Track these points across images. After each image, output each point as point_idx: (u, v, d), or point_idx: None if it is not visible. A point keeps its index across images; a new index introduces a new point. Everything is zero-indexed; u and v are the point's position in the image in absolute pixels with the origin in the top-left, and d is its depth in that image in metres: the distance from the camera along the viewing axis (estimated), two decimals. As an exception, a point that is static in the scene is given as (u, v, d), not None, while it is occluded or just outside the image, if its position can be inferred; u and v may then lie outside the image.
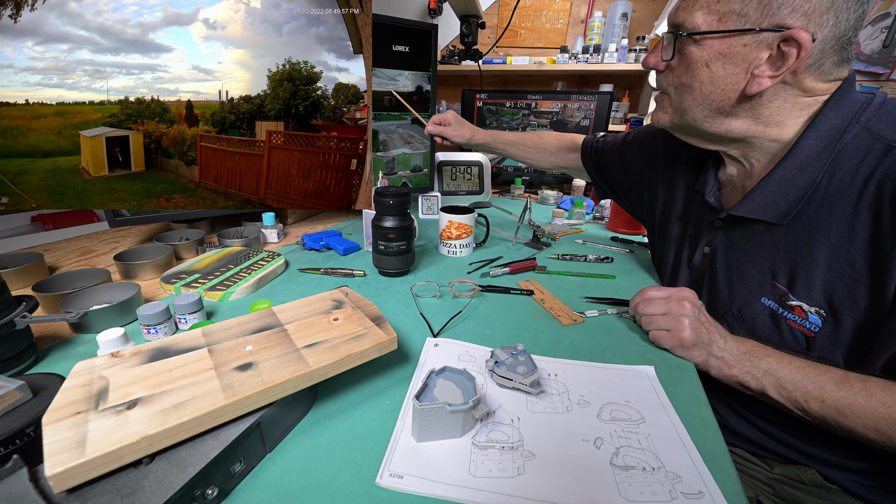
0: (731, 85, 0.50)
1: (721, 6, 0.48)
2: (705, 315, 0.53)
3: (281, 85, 0.90)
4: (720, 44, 0.49)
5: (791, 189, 0.51)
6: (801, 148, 0.50)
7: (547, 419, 0.42)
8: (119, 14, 0.71)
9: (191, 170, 0.86)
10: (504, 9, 1.85)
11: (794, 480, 0.55)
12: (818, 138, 0.49)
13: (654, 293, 0.56)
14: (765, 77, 0.48)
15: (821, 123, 0.49)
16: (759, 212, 0.54)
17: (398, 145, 1.13)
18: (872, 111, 0.48)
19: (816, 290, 0.49)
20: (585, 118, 1.47)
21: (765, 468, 0.58)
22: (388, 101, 1.07)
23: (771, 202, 0.53)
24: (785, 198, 0.52)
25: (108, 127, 0.76)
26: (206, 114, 0.84)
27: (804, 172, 0.50)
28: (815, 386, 0.45)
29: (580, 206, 1.20)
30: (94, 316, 0.55)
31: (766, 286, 0.54)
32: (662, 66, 0.55)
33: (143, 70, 0.76)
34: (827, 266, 0.49)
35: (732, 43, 0.48)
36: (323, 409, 0.43)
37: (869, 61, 1.63)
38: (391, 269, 0.74)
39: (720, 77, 0.50)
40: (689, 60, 0.51)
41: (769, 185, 0.53)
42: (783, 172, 0.52)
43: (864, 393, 0.42)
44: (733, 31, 0.47)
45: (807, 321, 0.50)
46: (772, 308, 0.54)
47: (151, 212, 0.84)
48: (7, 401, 0.34)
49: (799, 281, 0.51)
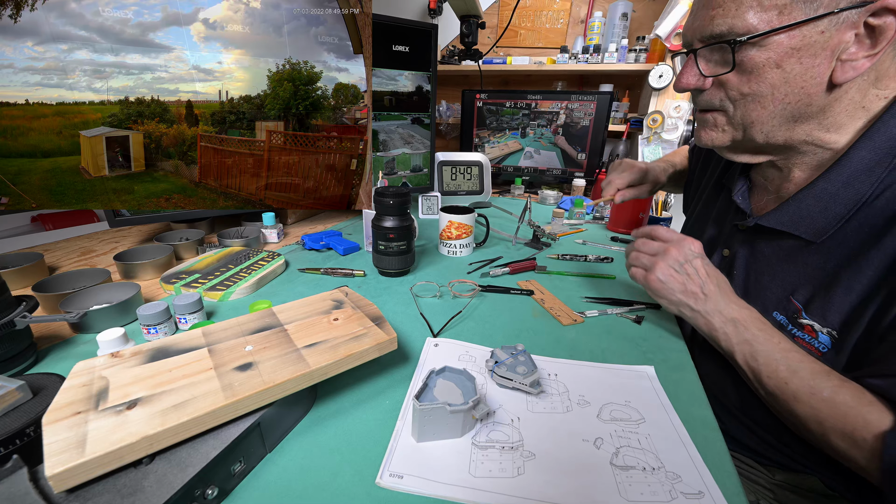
0: (813, 80, 0.42)
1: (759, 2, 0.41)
2: (697, 268, 0.52)
3: (281, 85, 0.90)
4: (789, 39, 0.41)
5: (833, 205, 0.46)
6: (852, 160, 0.45)
7: (547, 419, 0.42)
8: (119, 14, 0.71)
9: (191, 170, 0.86)
10: (504, 9, 1.85)
11: (796, 487, 0.54)
12: (873, 150, 0.44)
13: (663, 232, 0.55)
14: (860, 59, 0.40)
15: (878, 132, 0.43)
16: (792, 226, 0.50)
17: (398, 145, 1.13)
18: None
19: (833, 313, 0.46)
20: (585, 118, 1.47)
21: (766, 474, 0.57)
22: (388, 101, 1.07)
23: (807, 216, 0.48)
24: (824, 214, 0.47)
25: (108, 127, 0.76)
26: (206, 114, 0.84)
27: (850, 188, 0.45)
28: (787, 369, 0.44)
29: (580, 206, 1.20)
30: (94, 316, 0.55)
31: (781, 301, 0.51)
32: (708, 83, 0.48)
33: (143, 70, 0.76)
34: (847, 288, 0.45)
35: (806, 34, 0.40)
36: (323, 409, 0.43)
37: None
38: (391, 269, 0.74)
39: (797, 74, 0.43)
40: (752, 66, 0.44)
41: (808, 197, 0.48)
42: (826, 185, 0.47)
43: (833, 389, 0.41)
44: (805, 22, 0.40)
45: (816, 340, 0.47)
46: (781, 323, 0.51)
47: (151, 212, 0.84)
48: (7, 401, 0.34)
49: (816, 300, 0.47)
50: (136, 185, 0.81)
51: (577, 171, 1.54)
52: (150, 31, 0.75)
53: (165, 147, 0.82)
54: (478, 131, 1.63)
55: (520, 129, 1.57)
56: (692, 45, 0.48)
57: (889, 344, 0.42)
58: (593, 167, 1.51)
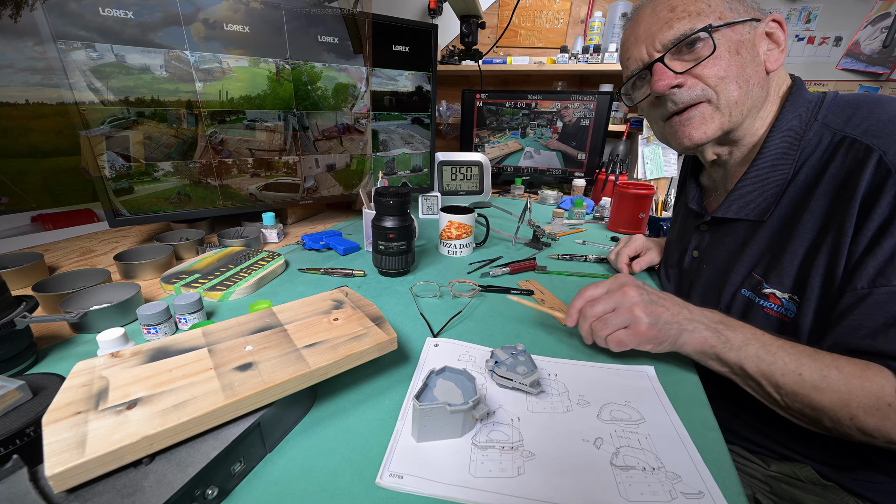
0: (759, 65, 0.53)
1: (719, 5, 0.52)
2: (655, 293, 0.50)
3: (281, 85, 0.90)
4: (733, 33, 0.51)
5: (767, 187, 0.54)
6: (769, 148, 0.54)
7: (547, 419, 0.42)
8: (119, 14, 0.71)
9: (191, 169, 0.86)
10: (504, 9, 1.85)
11: (791, 478, 0.55)
12: (782, 138, 0.53)
13: (593, 291, 0.52)
14: (775, 52, 0.53)
15: (782, 124, 0.53)
16: (740, 211, 0.57)
17: (398, 145, 1.13)
18: (826, 108, 0.51)
19: (786, 277, 0.51)
20: (585, 118, 1.47)
21: (761, 465, 0.58)
22: (388, 101, 1.07)
23: (750, 201, 0.56)
24: (762, 195, 0.54)
25: (108, 126, 0.76)
26: (207, 113, 0.84)
27: (776, 171, 0.53)
28: (791, 358, 0.44)
29: (580, 206, 1.20)
30: (94, 316, 0.55)
31: (746, 279, 0.56)
32: (681, 79, 0.53)
33: (143, 70, 0.76)
34: (793, 253, 0.51)
35: (741, 31, 0.52)
36: (323, 409, 0.43)
37: (869, 61, 1.63)
38: (391, 269, 0.74)
39: (750, 60, 0.52)
40: (720, 53, 0.51)
41: (746, 184, 0.56)
42: (757, 172, 0.55)
43: (835, 364, 0.42)
44: (740, 21, 0.51)
45: (783, 308, 0.52)
46: (748, 297, 0.55)
47: (151, 212, 0.84)
48: (7, 401, 0.34)
49: (772, 271, 0.53)
50: (136, 185, 0.81)
51: (577, 171, 1.54)
52: (150, 31, 0.75)
53: (165, 147, 0.82)
54: (478, 131, 1.63)
55: (520, 129, 1.57)
56: (653, 58, 0.55)
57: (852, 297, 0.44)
58: (593, 167, 1.51)
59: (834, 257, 0.46)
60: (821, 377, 0.42)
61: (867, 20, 1.60)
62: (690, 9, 0.52)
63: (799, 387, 0.43)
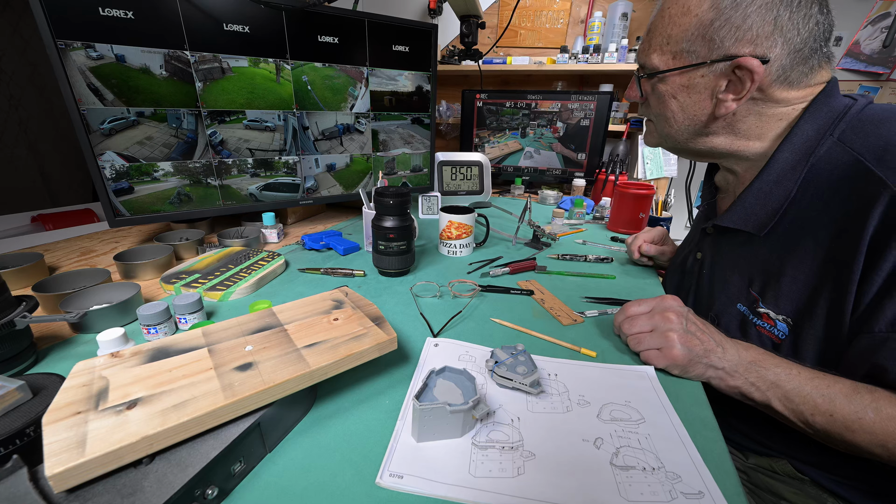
0: (700, 111, 0.53)
1: (672, 47, 0.52)
2: (695, 323, 0.50)
3: (281, 85, 0.90)
4: (681, 78, 0.53)
5: (769, 201, 0.52)
6: (777, 161, 0.51)
7: (547, 419, 0.42)
8: (119, 14, 0.71)
9: (191, 169, 0.86)
10: (504, 9, 1.85)
11: (768, 470, 0.56)
12: (792, 151, 0.50)
13: (636, 308, 0.54)
14: (728, 101, 0.51)
15: (796, 135, 0.50)
16: (741, 222, 0.55)
17: (398, 145, 1.13)
18: (848, 121, 0.47)
19: (784, 301, 0.50)
20: (585, 118, 1.47)
21: (740, 457, 0.59)
22: (388, 101, 1.07)
23: (752, 213, 0.54)
24: (764, 209, 0.53)
25: (108, 126, 0.76)
26: (207, 113, 0.84)
27: (780, 185, 0.51)
28: (824, 400, 0.43)
29: (580, 206, 1.20)
30: (94, 316, 0.55)
31: (742, 293, 0.55)
32: (641, 99, 0.61)
33: (143, 70, 0.76)
34: (792, 278, 0.49)
35: (692, 76, 0.52)
36: (323, 409, 0.43)
37: (869, 61, 1.63)
38: (391, 269, 0.74)
39: (688, 105, 0.54)
40: (659, 94, 0.56)
41: (749, 196, 0.54)
42: (761, 185, 0.52)
43: (874, 406, 0.41)
44: (687, 67, 0.51)
45: (775, 328, 0.51)
46: (744, 313, 0.55)
47: (151, 212, 0.84)
48: (7, 401, 0.34)
49: (769, 290, 0.52)
50: (136, 186, 0.80)
51: (577, 171, 1.54)
52: (150, 31, 0.75)
53: (166, 147, 0.82)
54: (478, 131, 1.63)
55: (520, 129, 1.57)
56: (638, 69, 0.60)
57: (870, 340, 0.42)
58: (593, 167, 1.51)
59: (840, 294, 0.45)
60: (855, 419, 0.41)
61: (867, 20, 1.60)
62: (654, 41, 0.54)
63: (830, 426, 0.43)
